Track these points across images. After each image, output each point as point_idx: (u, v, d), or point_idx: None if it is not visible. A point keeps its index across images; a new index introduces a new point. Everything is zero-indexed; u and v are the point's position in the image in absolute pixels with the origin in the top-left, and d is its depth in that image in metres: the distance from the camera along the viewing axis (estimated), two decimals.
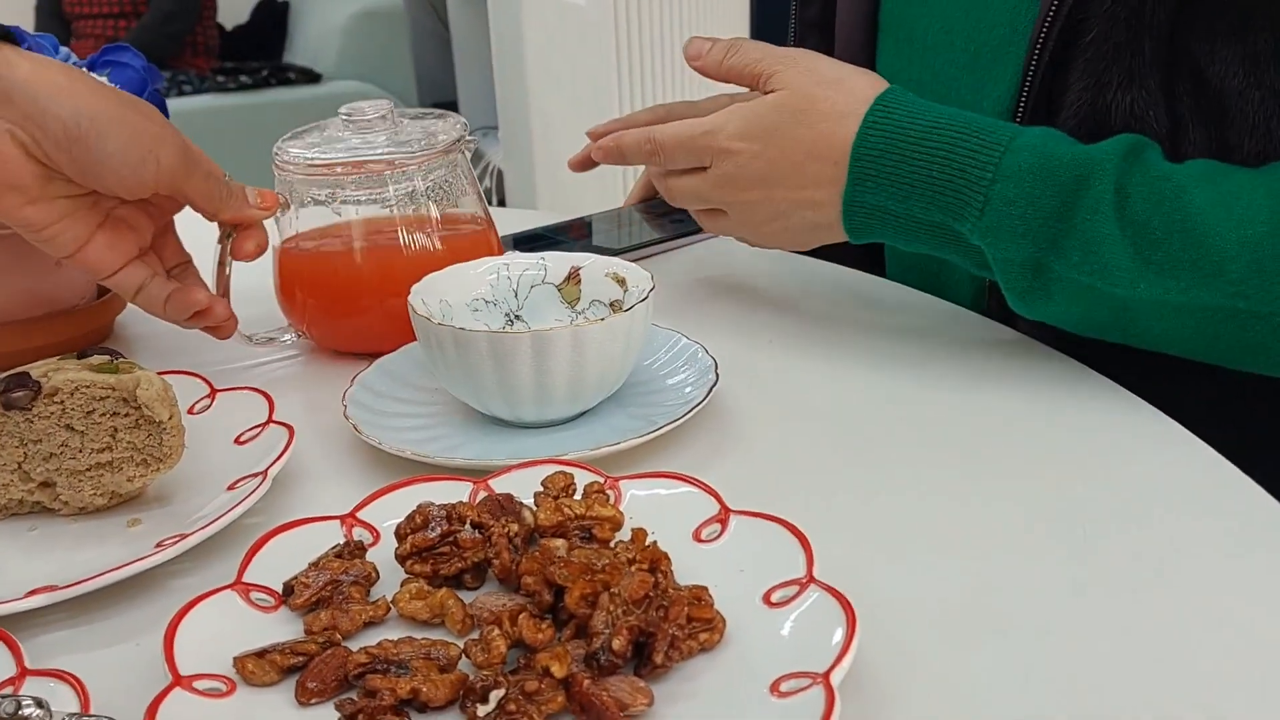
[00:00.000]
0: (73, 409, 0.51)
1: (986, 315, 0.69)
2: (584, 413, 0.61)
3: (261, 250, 0.66)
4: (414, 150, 0.68)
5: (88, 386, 0.50)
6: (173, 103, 2.29)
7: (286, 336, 0.72)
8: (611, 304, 0.64)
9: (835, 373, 0.66)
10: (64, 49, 0.75)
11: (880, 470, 0.56)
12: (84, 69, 0.72)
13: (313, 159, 0.67)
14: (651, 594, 0.42)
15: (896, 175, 0.61)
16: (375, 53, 3.06)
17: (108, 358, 0.53)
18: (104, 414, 0.51)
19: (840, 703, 0.37)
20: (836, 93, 0.63)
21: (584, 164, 0.76)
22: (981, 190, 0.59)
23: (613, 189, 2.51)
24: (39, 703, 0.36)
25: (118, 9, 3.32)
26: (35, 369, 0.52)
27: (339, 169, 0.67)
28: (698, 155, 0.67)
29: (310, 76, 3.03)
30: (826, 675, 0.38)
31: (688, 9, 2.36)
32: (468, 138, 0.70)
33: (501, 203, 2.84)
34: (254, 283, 0.72)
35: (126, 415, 0.51)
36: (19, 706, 0.35)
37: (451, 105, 3.85)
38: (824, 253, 0.79)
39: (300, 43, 3.42)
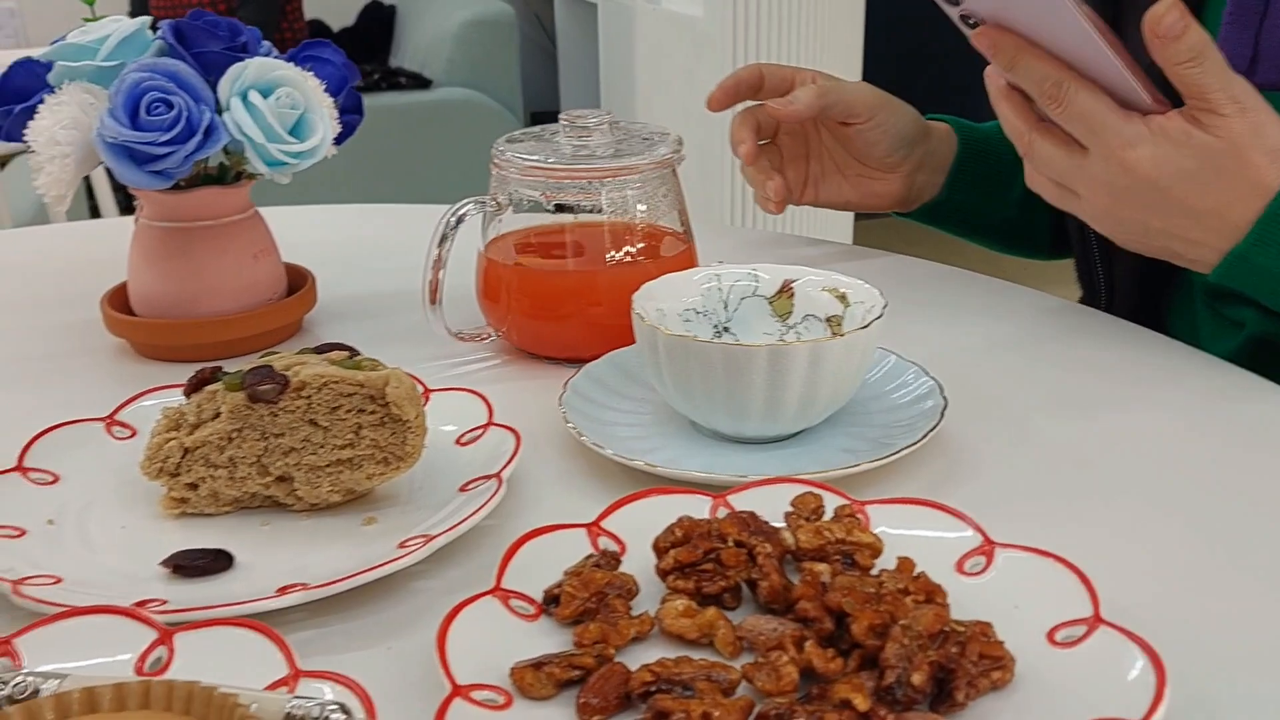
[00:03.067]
0: (318, 404, 0.50)
1: None
2: (799, 431, 0.59)
3: None
4: (631, 160, 0.67)
5: (336, 382, 0.50)
6: None
7: (488, 336, 0.71)
8: (829, 319, 0.62)
9: (1060, 403, 0.64)
10: (265, 43, 0.75)
11: (1128, 506, 0.54)
12: (288, 62, 0.73)
13: (531, 160, 0.66)
14: (946, 629, 0.40)
15: None
16: (485, 61, 3.07)
17: (347, 354, 0.53)
18: (349, 410, 0.50)
19: None
20: (1272, 162, 0.59)
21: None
22: None
23: (720, 203, 2.50)
24: (344, 709, 0.35)
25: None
26: (276, 362, 0.51)
27: (557, 172, 0.66)
28: (1094, 142, 0.61)
29: (420, 82, 3.05)
30: None
31: (806, 22, 2.34)
32: (681, 153, 0.69)
33: None
34: (455, 282, 0.72)
35: (372, 413, 0.50)
36: (324, 712, 0.34)
37: (554, 116, 3.87)
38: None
39: (408, 48, 3.45)
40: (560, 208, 0.68)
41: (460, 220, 0.67)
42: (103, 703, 0.33)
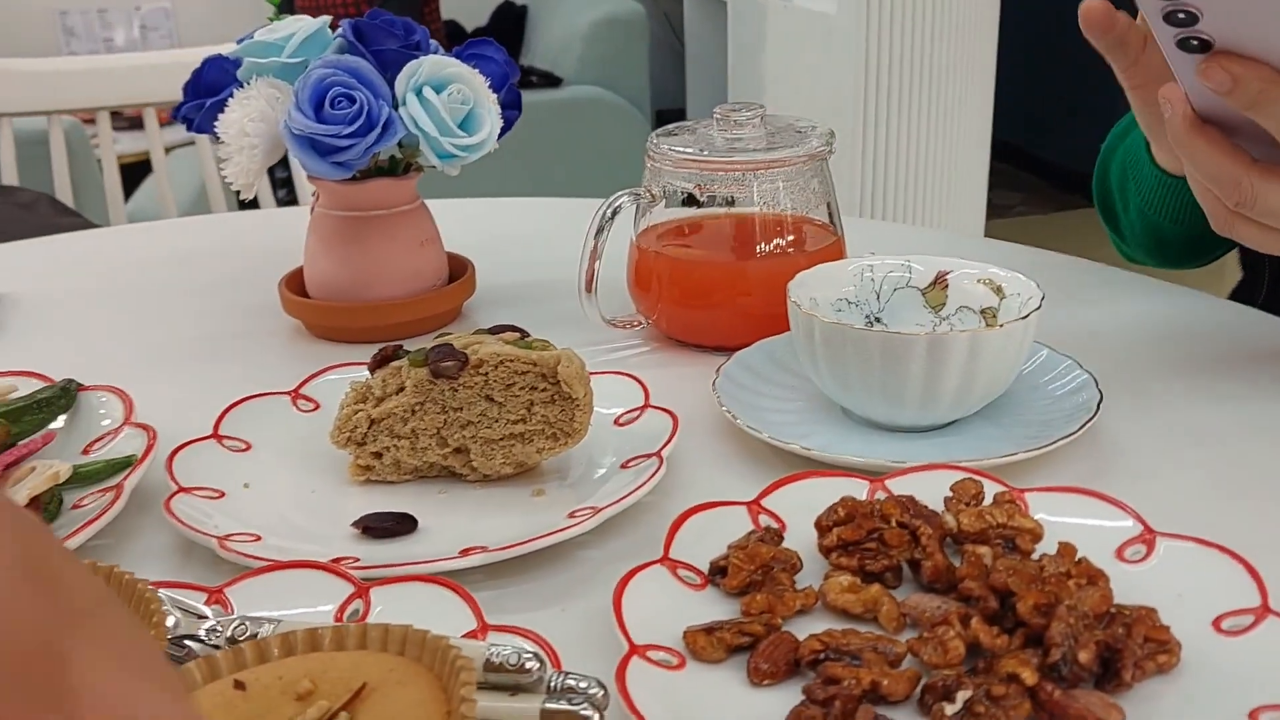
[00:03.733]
0: (495, 381, 0.53)
1: None
2: (952, 421, 0.60)
3: None
4: (783, 153, 0.68)
5: (512, 360, 0.53)
6: None
7: (639, 323, 0.73)
8: (983, 311, 0.63)
9: (1215, 399, 0.63)
10: (434, 41, 0.79)
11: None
12: (453, 58, 0.76)
13: (685, 153, 0.69)
14: (1111, 610, 0.41)
15: None
16: (614, 60, 3.12)
17: (519, 335, 0.56)
18: (523, 388, 0.53)
19: None
20: None
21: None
22: None
23: (850, 198, 2.48)
24: (538, 658, 0.37)
25: (342, 11, 3.52)
26: (456, 341, 0.55)
27: (711, 164, 0.68)
28: None
29: (551, 80, 3.12)
30: None
31: (941, 19, 2.32)
32: (832, 147, 0.70)
33: None
34: (606, 272, 0.74)
35: (544, 390, 0.53)
36: (521, 659, 0.37)
37: (680, 114, 3.90)
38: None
39: (538, 46, 3.52)
40: (712, 199, 0.70)
41: (616, 212, 0.70)
42: (323, 643, 0.36)
